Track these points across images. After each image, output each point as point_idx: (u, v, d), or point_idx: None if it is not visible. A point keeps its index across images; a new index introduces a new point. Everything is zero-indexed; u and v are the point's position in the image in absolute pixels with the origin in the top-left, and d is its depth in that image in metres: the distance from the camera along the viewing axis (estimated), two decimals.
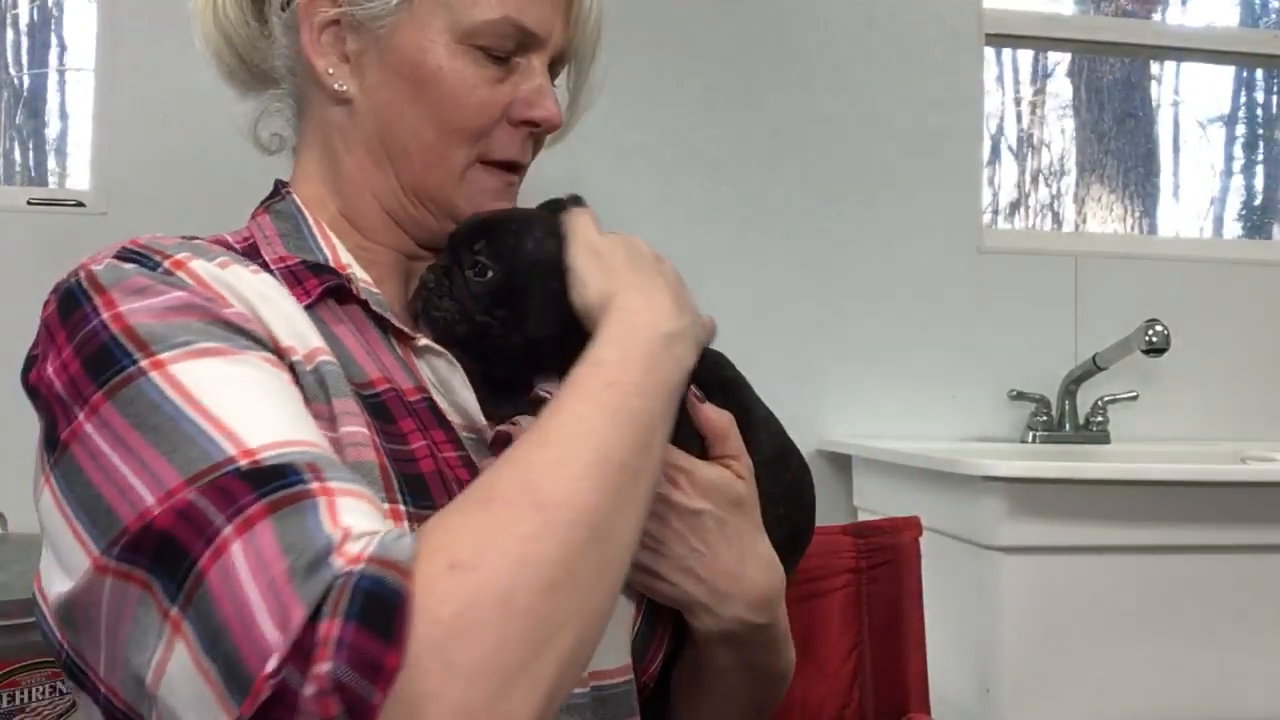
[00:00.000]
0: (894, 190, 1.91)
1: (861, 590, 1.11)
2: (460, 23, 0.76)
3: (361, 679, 0.46)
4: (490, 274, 0.74)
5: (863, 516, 1.77)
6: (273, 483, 0.52)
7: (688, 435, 0.73)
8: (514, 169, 0.82)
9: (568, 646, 0.52)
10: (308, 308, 0.70)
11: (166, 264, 0.66)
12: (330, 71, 0.79)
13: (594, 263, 0.71)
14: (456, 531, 0.52)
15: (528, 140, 0.82)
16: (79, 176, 2.13)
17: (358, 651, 0.46)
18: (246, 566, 0.49)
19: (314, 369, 0.66)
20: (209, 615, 0.49)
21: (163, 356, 0.58)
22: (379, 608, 0.47)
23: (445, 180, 0.79)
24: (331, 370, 0.67)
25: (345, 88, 0.79)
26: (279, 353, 0.65)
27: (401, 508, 0.64)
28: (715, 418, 0.75)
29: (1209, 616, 1.45)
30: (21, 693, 1.23)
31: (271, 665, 0.46)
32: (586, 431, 0.58)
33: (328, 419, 0.64)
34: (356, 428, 0.65)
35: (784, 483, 0.81)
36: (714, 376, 0.79)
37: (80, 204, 1.68)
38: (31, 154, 2.40)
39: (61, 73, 2.39)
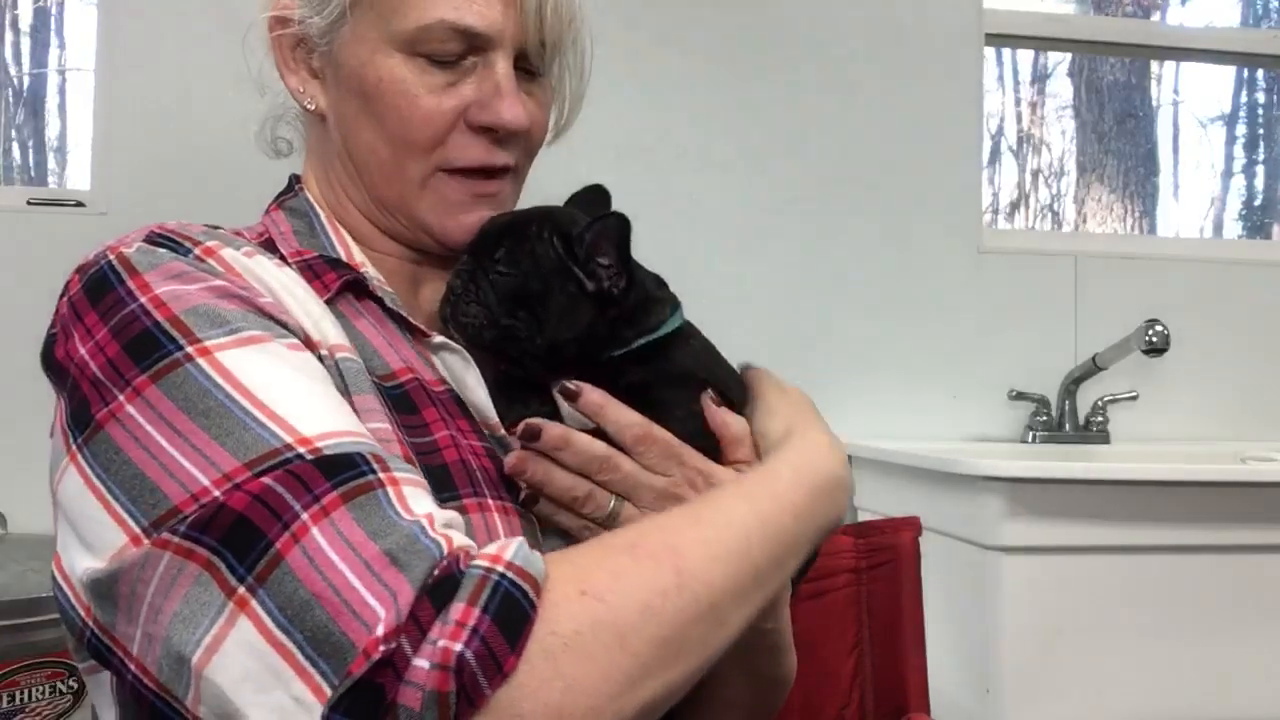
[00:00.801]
0: (894, 191, 1.91)
1: (861, 590, 1.11)
2: (395, 33, 0.73)
3: (480, 668, 0.49)
4: (512, 278, 0.74)
5: (863, 516, 1.77)
6: (343, 472, 0.55)
7: (704, 438, 0.73)
8: (491, 174, 0.78)
9: (656, 694, 0.55)
10: (328, 302, 0.71)
11: (198, 250, 0.67)
12: (301, 89, 0.79)
13: (782, 399, 0.77)
14: (593, 566, 0.56)
15: (493, 145, 0.77)
16: (79, 176, 2.13)
17: (487, 644, 0.50)
18: (333, 549, 0.52)
19: (334, 364, 0.66)
20: (291, 591, 0.51)
21: (209, 343, 0.59)
22: (514, 612, 0.51)
23: (405, 193, 0.77)
24: (351, 366, 0.67)
25: (314, 105, 0.79)
26: (309, 344, 0.65)
27: None
28: (731, 422, 0.75)
29: (1209, 616, 1.45)
30: (21, 693, 1.23)
31: (381, 632, 0.49)
32: (737, 525, 0.62)
33: None
34: (379, 424, 0.65)
35: None
36: (735, 382, 0.79)
37: (80, 204, 1.68)
38: (31, 154, 2.40)
39: (61, 73, 2.39)
